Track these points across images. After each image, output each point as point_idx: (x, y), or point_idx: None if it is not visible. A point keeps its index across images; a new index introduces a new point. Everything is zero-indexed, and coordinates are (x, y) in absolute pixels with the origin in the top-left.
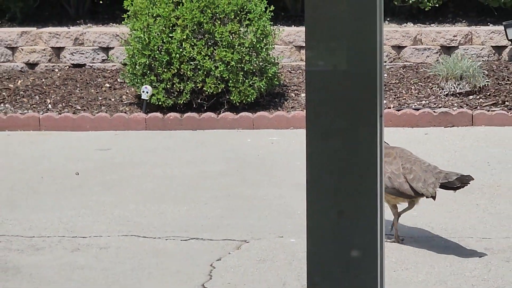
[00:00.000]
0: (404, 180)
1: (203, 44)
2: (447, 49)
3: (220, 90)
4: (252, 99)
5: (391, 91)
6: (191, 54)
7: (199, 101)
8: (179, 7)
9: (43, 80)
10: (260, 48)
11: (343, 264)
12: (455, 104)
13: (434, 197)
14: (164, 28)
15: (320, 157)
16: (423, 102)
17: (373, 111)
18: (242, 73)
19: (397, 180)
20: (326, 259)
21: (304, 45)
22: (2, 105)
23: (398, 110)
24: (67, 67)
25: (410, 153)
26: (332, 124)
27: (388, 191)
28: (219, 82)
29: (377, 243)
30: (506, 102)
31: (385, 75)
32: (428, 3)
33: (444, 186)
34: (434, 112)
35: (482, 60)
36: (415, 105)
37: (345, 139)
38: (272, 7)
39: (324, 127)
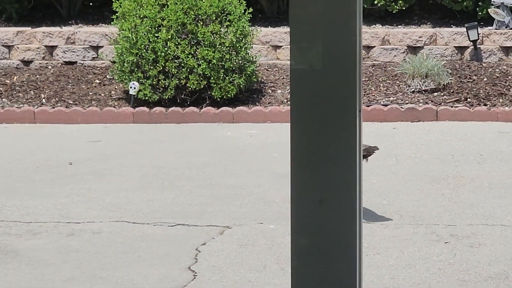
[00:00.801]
0: None
1: (187, 43)
2: (413, 49)
3: (202, 86)
4: (232, 95)
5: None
6: (176, 53)
7: (183, 96)
8: (164, 9)
9: (38, 76)
10: (239, 47)
11: (324, 249)
12: (421, 101)
13: None
14: (150, 29)
15: (303, 149)
16: (391, 98)
17: (353, 106)
18: (222, 71)
19: None
20: (308, 244)
21: (279, 44)
22: None
23: (368, 106)
24: (60, 64)
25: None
26: (315, 119)
27: None
28: (201, 79)
29: (356, 230)
30: (468, 99)
31: None
32: (395, 6)
33: None
34: (401, 108)
35: (446, 60)
36: (383, 101)
37: (327, 132)
38: (250, 9)
39: (307, 121)
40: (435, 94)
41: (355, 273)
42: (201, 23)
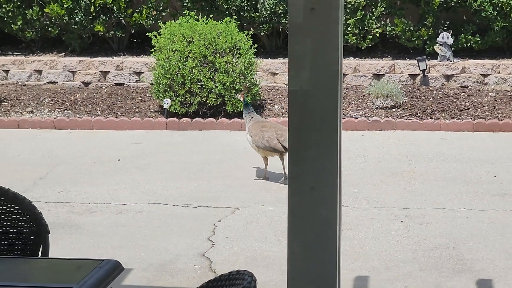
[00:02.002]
0: (277, 141)
1: (207, 70)
2: (377, 76)
3: (218, 103)
4: (241, 109)
5: None
6: (199, 77)
7: (204, 110)
8: (190, 44)
9: (94, 94)
10: (247, 73)
11: (313, 225)
12: (383, 115)
13: None
14: (180, 59)
15: (298, 148)
16: (360, 112)
17: (335, 117)
18: (234, 91)
19: (273, 142)
20: (300, 221)
21: (276, 72)
22: (65, 111)
23: (343, 118)
24: (111, 85)
25: (279, 125)
26: (307, 126)
27: (267, 149)
28: (218, 97)
29: (337, 211)
30: (418, 114)
31: None
32: (364, 43)
33: None
34: (368, 120)
35: (402, 84)
36: (354, 115)
37: (316, 136)
38: (255, 45)
39: (301, 127)
40: (394, 110)
41: (335, 242)
42: (218, 55)
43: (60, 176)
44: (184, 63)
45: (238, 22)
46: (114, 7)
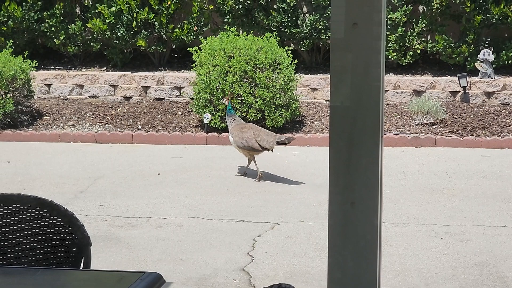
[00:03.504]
0: (255, 141)
1: (247, 85)
2: (418, 93)
3: (258, 118)
4: (281, 124)
5: None
6: (239, 92)
7: None
8: (231, 59)
9: (135, 108)
10: (286, 89)
11: (354, 240)
12: (423, 131)
13: (272, 150)
14: (220, 74)
15: (339, 164)
16: (401, 129)
17: (377, 133)
18: (274, 106)
19: (251, 141)
20: (341, 236)
21: (316, 87)
22: (107, 125)
23: (383, 135)
24: (152, 100)
25: (258, 127)
26: (348, 142)
27: (246, 148)
28: (258, 112)
29: (377, 226)
30: (458, 130)
31: None
32: (404, 60)
33: (278, 143)
34: (408, 136)
35: (442, 101)
36: (395, 131)
37: (357, 151)
38: (295, 61)
39: (343, 143)
40: (434, 126)
41: (376, 259)
42: (258, 70)
43: (100, 190)
44: (225, 78)
45: (279, 38)
46: (156, 23)
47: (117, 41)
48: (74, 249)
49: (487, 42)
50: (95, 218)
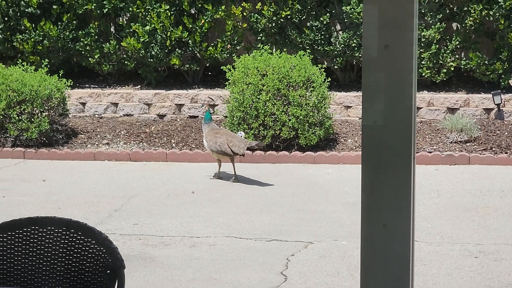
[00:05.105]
0: (227, 146)
1: (281, 103)
2: (451, 110)
3: (292, 136)
4: (314, 142)
5: None
6: (272, 110)
7: (277, 143)
8: (264, 78)
9: (169, 126)
10: (320, 107)
11: (386, 261)
12: (457, 149)
13: (243, 155)
14: (253, 92)
15: (371, 184)
16: (434, 147)
17: (409, 152)
18: (307, 124)
19: (223, 147)
20: (374, 256)
21: (350, 105)
22: (141, 143)
23: (416, 153)
24: (186, 117)
25: (231, 132)
26: (380, 161)
27: (219, 152)
28: (291, 130)
29: (410, 247)
30: (493, 148)
31: None
32: (438, 77)
33: (249, 149)
34: (442, 154)
35: (476, 118)
36: (428, 149)
37: (389, 172)
38: (329, 79)
39: (375, 164)
40: (468, 144)
41: (409, 279)
42: (292, 88)
43: (134, 208)
44: (258, 96)
45: (312, 56)
46: (190, 41)
47: (151, 60)
48: (108, 271)
49: None
50: (129, 237)
